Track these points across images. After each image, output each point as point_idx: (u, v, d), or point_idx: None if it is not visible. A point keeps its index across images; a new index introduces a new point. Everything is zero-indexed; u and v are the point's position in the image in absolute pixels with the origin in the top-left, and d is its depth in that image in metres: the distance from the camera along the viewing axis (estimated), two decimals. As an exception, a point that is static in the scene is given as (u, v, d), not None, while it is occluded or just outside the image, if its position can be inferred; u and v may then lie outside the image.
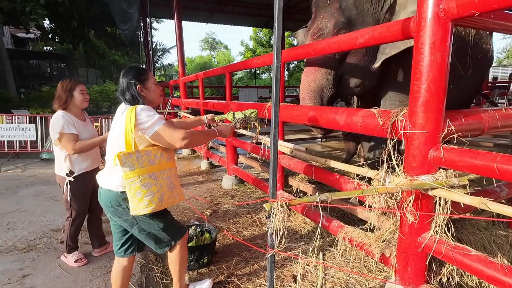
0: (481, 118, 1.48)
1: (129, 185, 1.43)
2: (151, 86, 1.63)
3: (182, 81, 6.06)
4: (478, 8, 1.14)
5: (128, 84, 1.56)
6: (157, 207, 1.49)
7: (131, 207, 1.46)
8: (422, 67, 1.31)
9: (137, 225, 1.57)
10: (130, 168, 1.42)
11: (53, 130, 2.09)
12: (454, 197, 1.22)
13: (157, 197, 1.48)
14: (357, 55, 2.36)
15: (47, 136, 6.39)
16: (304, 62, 2.63)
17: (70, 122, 2.11)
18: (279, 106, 1.37)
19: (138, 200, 1.44)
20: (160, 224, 1.60)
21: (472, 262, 1.25)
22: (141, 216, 1.52)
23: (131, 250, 1.71)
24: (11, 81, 11.26)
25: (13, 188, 4.21)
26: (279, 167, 2.80)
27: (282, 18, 1.33)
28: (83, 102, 2.23)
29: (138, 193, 1.44)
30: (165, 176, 1.54)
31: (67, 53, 18.66)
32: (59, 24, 11.05)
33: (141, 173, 1.44)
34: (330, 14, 2.34)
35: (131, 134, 1.44)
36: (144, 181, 1.44)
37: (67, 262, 2.32)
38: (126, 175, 1.42)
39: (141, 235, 1.61)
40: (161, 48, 27.23)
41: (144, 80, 1.60)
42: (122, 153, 1.42)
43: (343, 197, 1.44)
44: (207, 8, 10.71)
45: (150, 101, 1.64)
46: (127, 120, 1.45)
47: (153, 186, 1.47)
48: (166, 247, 1.67)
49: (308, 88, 2.41)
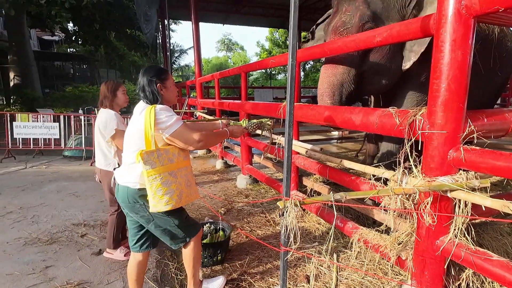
0: (505, 118, 1.43)
1: (150, 183, 1.47)
2: (170, 86, 1.67)
3: (198, 82, 6.15)
4: (502, 4, 1.10)
5: (149, 81, 1.59)
6: (176, 204, 1.53)
7: (151, 204, 1.50)
8: (442, 65, 1.27)
9: (153, 221, 1.61)
10: (152, 166, 1.46)
11: (107, 128, 2.19)
12: (475, 199, 1.18)
13: (177, 195, 1.53)
14: (380, 52, 2.28)
15: (69, 134, 6.64)
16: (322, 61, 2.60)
17: (121, 120, 2.25)
18: (294, 105, 1.37)
19: (159, 198, 1.48)
20: (176, 221, 1.63)
21: (494, 267, 1.21)
22: (158, 213, 1.56)
23: (146, 246, 1.75)
24: (37, 81, 11.78)
25: (38, 184, 4.41)
26: (294, 167, 2.79)
27: (298, 17, 1.34)
28: (125, 101, 2.34)
29: (159, 191, 1.48)
30: (183, 174, 1.58)
31: (89, 54, 19.33)
32: (82, 27, 11.47)
33: (162, 171, 1.48)
34: (355, 8, 2.28)
35: (151, 132, 1.48)
36: (164, 178, 1.49)
37: (114, 257, 2.37)
38: (148, 173, 1.46)
39: (157, 231, 1.65)
40: (178, 49, 27.73)
41: (164, 79, 1.64)
42: (144, 151, 1.46)
43: (358, 197, 1.42)
44: (223, 9, 10.82)
45: (167, 100, 1.68)
46: (147, 118, 1.49)
47: (172, 184, 1.51)
48: (181, 243, 1.70)
49: (327, 83, 2.32)
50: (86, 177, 4.75)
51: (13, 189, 4.13)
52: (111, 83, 2.29)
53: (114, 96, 2.27)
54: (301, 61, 2.47)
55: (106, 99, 2.26)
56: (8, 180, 4.66)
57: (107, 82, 2.31)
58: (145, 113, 1.51)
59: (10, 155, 6.25)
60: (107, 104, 2.26)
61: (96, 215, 3.19)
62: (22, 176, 4.89)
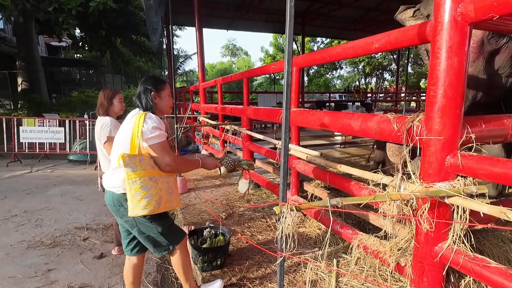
0: (504, 124, 1.42)
1: (129, 186, 1.48)
2: (164, 96, 1.73)
3: (201, 87, 6.20)
4: (497, 11, 1.10)
5: (145, 89, 1.66)
6: (154, 209, 1.52)
7: (130, 207, 1.51)
8: (439, 72, 1.28)
9: (137, 227, 1.62)
10: (133, 169, 1.47)
11: (102, 135, 2.23)
12: (472, 205, 1.18)
13: (156, 200, 1.52)
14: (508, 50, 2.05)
15: (74, 139, 6.73)
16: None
17: (116, 125, 2.28)
18: (290, 111, 1.38)
19: (137, 201, 1.49)
20: (159, 228, 1.63)
21: (492, 274, 1.20)
22: (141, 219, 1.57)
23: (137, 250, 1.76)
24: (44, 86, 11.98)
25: (42, 187, 4.46)
26: (295, 172, 2.79)
27: (301, 22, 1.36)
28: (121, 109, 2.40)
29: (138, 194, 1.48)
30: (165, 181, 1.59)
31: (95, 60, 19.63)
32: (89, 33, 11.68)
33: (142, 175, 1.49)
34: None
35: (137, 138, 1.51)
36: (144, 182, 1.49)
37: None
38: (128, 176, 1.47)
39: (141, 237, 1.66)
40: (183, 54, 28.00)
41: (160, 89, 1.70)
42: (126, 154, 1.48)
43: (355, 202, 1.42)
44: (227, 15, 10.94)
45: (160, 109, 1.72)
46: (135, 124, 1.52)
47: (152, 189, 1.52)
48: (164, 251, 1.70)
49: None
50: (90, 181, 4.80)
51: (18, 193, 4.19)
52: (108, 91, 2.34)
53: (110, 104, 2.31)
54: (302, 67, 2.49)
55: (102, 106, 2.30)
56: (13, 183, 4.73)
57: (105, 90, 2.36)
58: (135, 118, 1.55)
59: (16, 159, 6.35)
60: (101, 112, 2.30)
61: (99, 218, 3.22)
62: (28, 180, 4.97)
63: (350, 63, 27.21)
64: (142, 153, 1.55)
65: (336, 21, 12.30)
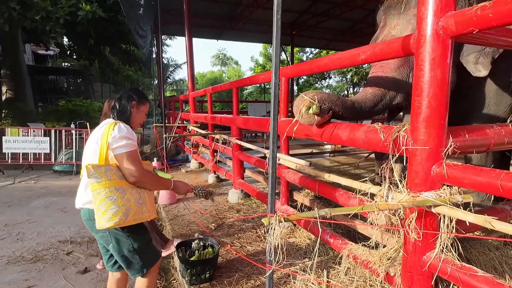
0: (486, 134, 1.46)
1: (94, 197, 1.42)
2: (142, 111, 1.74)
3: (191, 96, 6.19)
4: (476, 26, 1.14)
5: (129, 96, 1.68)
6: (120, 222, 1.43)
7: (96, 220, 1.43)
8: (423, 83, 1.31)
9: (112, 243, 1.53)
10: (97, 180, 1.41)
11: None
12: (457, 214, 1.19)
13: (122, 211, 1.44)
14: None
15: (60, 149, 6.57)
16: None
17: None
18: (277, 122, 1.38)
19: (101, 213, 1.41)
20: (135, 244, 1.55)
21: (479, 283, 1.20)
22: (118, 232, 1.50)
23: (118, 265, 1.68)
24: (29, 95, 11.72)
25: (25, 199, 4.31)
26: (284, 182, 2.78)
27: (289, 34, 1.37)
28: None
29: (102, 206, 1.41)
30: (135, 191, 1.51)
31: (83, 69, 19.37)
32: (77, 42, 11.54)
33: (107, 186, 1.42)
34: (406, 21, 2.24)
35: (105, 147, 1.47)
36: (110, 193, 1.42)
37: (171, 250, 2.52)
38: (92, 187, 1.42)
39: (115, 254, 1.58)
40: (173, 63, 28.02)
41: (141, 103, 1.72)
42: (91, 164, 1.43)
43: (343, 213, 1.42)
44: (217, 25, 11.05)
45: (133, 120, 1.70)
46: (104, 133, 1.49)
47: (119, 200, 1.44)
48: (138, 274, 1.61)
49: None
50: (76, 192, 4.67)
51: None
52: (112, 102, 2.32)
53: None
54: (290, 77, 2.52)
55: (105, 116, 2.26)
56: (-6, 195, 4.56)
57: (110, 100, 2.33)
58: (105, 127, 1.52)
59: (-2, 170, 6.14)
60: None
61: (84, 231, 3.12)
62: (10, 191, 4.80)
63: (339, 73, 27.69)
64: (110, 163, 1.49)
65: (325, 32, 12.60)
